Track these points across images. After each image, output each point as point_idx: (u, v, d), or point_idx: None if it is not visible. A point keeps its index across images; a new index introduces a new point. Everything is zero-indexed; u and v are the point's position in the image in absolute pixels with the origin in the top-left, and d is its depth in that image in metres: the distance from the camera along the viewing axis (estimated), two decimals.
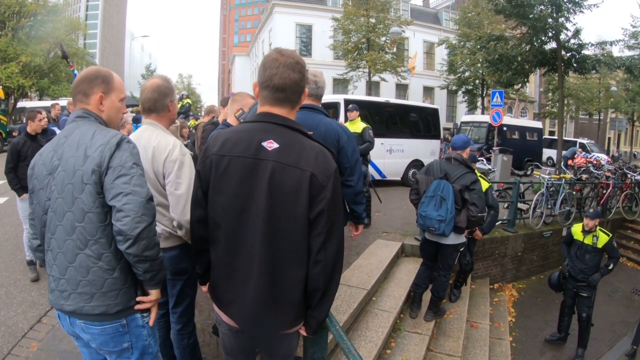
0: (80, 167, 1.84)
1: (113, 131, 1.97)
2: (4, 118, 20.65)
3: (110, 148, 1.85)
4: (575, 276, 6.71)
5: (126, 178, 1.82)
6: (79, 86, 2.06)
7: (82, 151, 1.87)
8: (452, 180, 4.75)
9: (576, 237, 6.84)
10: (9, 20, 28.00)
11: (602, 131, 41.20)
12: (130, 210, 1.77)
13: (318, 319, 1.94)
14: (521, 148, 19.09)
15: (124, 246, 1.80)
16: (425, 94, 35.45)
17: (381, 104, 13.42)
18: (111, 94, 2.10)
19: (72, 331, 2.04)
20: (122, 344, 2.00)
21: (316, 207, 1.76)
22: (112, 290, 1.90)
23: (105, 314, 1.90)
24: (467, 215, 4.68)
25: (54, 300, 1.97)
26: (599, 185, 11.85)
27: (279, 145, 1.79)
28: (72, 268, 1.88)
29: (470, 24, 29.70)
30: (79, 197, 1.84)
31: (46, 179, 1.92)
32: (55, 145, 1.97)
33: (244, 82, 50.17)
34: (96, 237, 1.86)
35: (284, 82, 1.82)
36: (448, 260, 5.14)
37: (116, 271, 1.90)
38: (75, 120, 2.02)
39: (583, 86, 33.64)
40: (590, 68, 14.94)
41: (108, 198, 1.82)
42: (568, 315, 7.05)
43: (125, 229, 1.77)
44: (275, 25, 35.27)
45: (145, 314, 2.06)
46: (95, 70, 2.11)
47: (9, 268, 5.43)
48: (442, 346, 5.30)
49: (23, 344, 3.90)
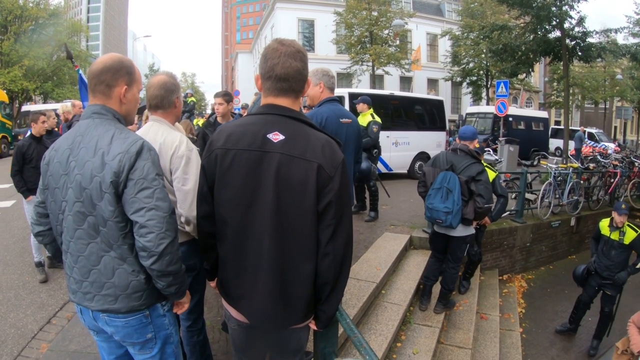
0: (97, 173, 1.78)
1: (132, 136, 1.87)
2: (9, 122, 20.76)
3: (129, 157, 1.78)
4: (600, 273, 6.47)
5: (149, 192, 1.78)
6: (100, 76, 1.93)
7: (99, 157, 1.79)
8: (458, 172, 4.71)
9: (603, 232, 6.60)
10: (11, 24, 28.10)
11: (608, 120, 40.94)
12: (154, 226, 1.75)
13: (328, 312, 1.92)
14: (527, 138, 19.01)
15: (147, 262, 1.78)
16: (429, 86, 35.35)
17: (386, 96, 13.37)
18: (133, 86, 2.03)
19: (93, 325, 2.02)
20: (145, 335, 1.99)
21: (324, 199, 1.74)
22: (137, 292, 1.89)
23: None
24: (474, 207, 4.65)
25: (78, 300, 1.95)
26: (606, 174, 11.78)
27: (284, 137, 1.77)
28: (96, 271, 1.86)
29: (473, 15, 29.59)
30: (98, 204, 1.79)
31: (62, 178, 1.87)
32: (72, 143, 1.89)
33: (248, 79, 50.13)
34: (119, 244, 1.83)
35: (286, 71, 1.80)
36: (457, 252, 5.11)
37: (141, 273, 1.88)
38: (92, 117, 1.92)
39: (588, 75, 33.45)
40: (595, 56, 14.83)
41: (129, 211, 1.78)
42: (582, 311, 6.90)
43: (150, 245, 1.75)
44: (278, 21, 35.21)
45: (165, 302, 2.05)
46: (119, 60, 1.99)
47: (18, 270, 5.45)
48: (453, 338, 5.28)
49: (33, 345, 3.91)
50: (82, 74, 7.00)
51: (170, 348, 2.11)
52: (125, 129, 1.92)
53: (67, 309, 4.55)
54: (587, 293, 6.75)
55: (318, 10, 33.61)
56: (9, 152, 18.59)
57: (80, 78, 6.94)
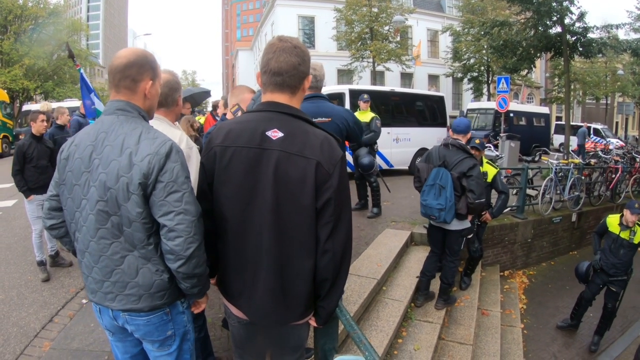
0: (124, 173, 1.74)
1: (160, 136, 1.83)
2: (9, 121, 20.79)
3: (159, 159, 1.75)
4: (607, 271, 6.39)
5: (178, 195, 1.76)
6: (126, 71, 1.88)
7: (126, 156, 1.75)
8: (451, 167, 4.73)
9: (611, 229, 6.44)
10: (11, 24, 28.11)
11: (609, 116, 40.83)
12: (183, 230, 1.74)
13: (328, 309, 1.93)
14: (529, 134, 18.98)
15: (174, 265, 1.78)
16: (430, 82, 35.27)
17: (386, 93, 13.38)
18: (156, 81, 2.01)
19: (111, 326, 2.00)
20: (166, 332, 1.98)
21: (323, 196, 1.75)
22: (160, 291, 1.88)
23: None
24: (466, 202, 4.67)
25: (98, 300, 1.93)
26: (607, 170, 11.76)
27: (283, 134, 1.78)
28: (119, 270, 1.84)
29: (474, 10, 29.52)
30: (124, 205, 1.76)
31: (84, 175, 1.82)
32: (94, 139, 1.83)
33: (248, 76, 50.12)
34: (143, 244, 1.81)
35: (279, 65, 1.81)
36: (454, 245, 5.13)
37: (165, 273, 1.87)
38: (116, 114, 1.87)
39: (589, 70, 33.25)
40: (596, 52, 14.78)
41: (157, 214, 1.76)
42: (584, 307, 6.85)
43: (178, 249, 1.74)
44: (278, 18, 35.19)
45: (184, 299, 2.04)
46: (143, 54, 1.96)
47: (20, 269, 5.47)
48: (454, 334, 5.30)
49: (35, 343, 3.92)
50: (83, 72, 6.95)
51: (187, 345, 2.11)
52: (151, 127, 1.89)
53: (69, 308, 4.56)
54: (591, 290, 6.68)
55: (318, 7, 33.50)
56: (9, 151, 18.62)
57: (81, 77, 6.86)
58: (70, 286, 5.06)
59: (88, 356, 3.64)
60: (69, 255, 5.49)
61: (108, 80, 1.94)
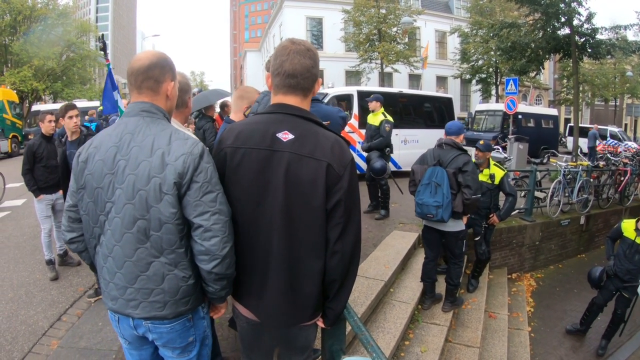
0: (157, 174, 1.72)
1: (191, 138, 1.83)
2: (19, 121, 20.98)
3: (193, 159, 1.74)
4: (621, 277, 6.23)
5: (213, 195, 1.76)
6: (148, 72, 1.86)
7: (158, 156, 1.73)
8: (446, 165, 4.74)
9: (626, 234, 6.27)
10: (20, 25, 28.34)
11: (618, 117, 40.55)
12: (219, 230, 1.75)
13: (336, 310, 1.93)
14: (537, 136, 18.84)
15: (209, 265, 1.77)
16: (438, 84, 35.12)
17: (394, 94, 13.35)
18: (176, 81, 2.00)
19: (130, 335, 1.97)
20: (188, 339, 1.97)
21: (333, 198, 1.75)
22: (185, 297, 1.86)
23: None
24: (462, 199, 4.67)
25: (118, 307, 1.87)
26: (616, 172, 11.68)
27: (294, 136, 1.78)
28: (144, 277, 1.80)
29: (482, 12, 29.43)
30: (155, 207, 1.73)
31: (107, 177, 1.78)
32: (118, 140, 1.79)
33: (256, 78, 50.21)
34: (174, 248, 1.79)
35: (294, 68, 1.81)
36: (454, 249, 5.14)
37: (191, 278, 1.85)
38: (141, 115, 1.84)
39: (598, 72, 33.08)
40: (604, 53, 14.65)
41: (191, 214, 1.75)
42: (595, 314, 6.73)
43: (214, 249, 1.75)
44: (286, 19, 35.21)
45: (204, 304, 2.03)
46: (162, 55, 1.95)
47: (29, 268, 5.51)
48: (461, 337, 5.28)
49: (43, 342, 3.95)
50: (112, 68, 6.85)
51: (206, 350, 2.10)
52: (178, 129, 1.87)
53: (77, 307, 4.59)
54: (603, 296, 6.55)
55: (326, 8, 33.51)
56: (19, 151, 18.79)
57: (109, 72, 6.79)
58: (78, 285, 5.09)
59: (96, 355, 3.65)
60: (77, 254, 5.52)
61: (128, 83, 1.91)
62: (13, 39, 28.40)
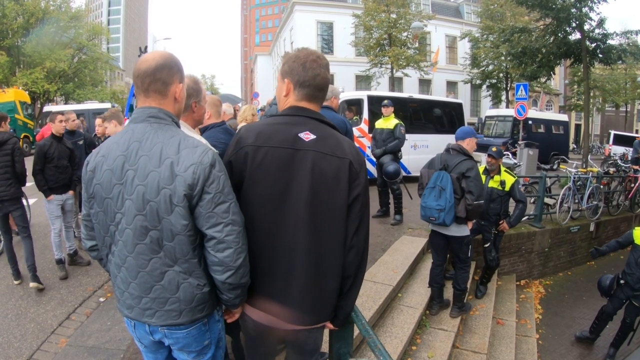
0: (166, 185, 1.67)
1: (201, 145, 1.75)
2: (30, 122, 21.21)
3: (204, 169, 1.68)
4: (632, 285, 6.15)
5: (225, 206, 1.71)
6: (156, 74, 1.79)
7: (167, 167, 1.67)
8: (451, 170, 4.78)
9: (637, 241, 6.18)
10: (32, 27, 28.66)
11: (629, 123, 40.22)
12: (232, 241, 1.72)
13: (346, 309, 1.97)
14: (547, 142, 18.73)
15: (223, 276, 1.75)
16: (448, 89, 35.15)
17: (405, 99, 13.33)
18: (184, 83, 1.93)
19: (146, 340, 1.95)
20: (203, 342, 1.95)
21: (353, 192, 1.86)
22: (201, 304, 1.84)
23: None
24: (465, 204, 4.68)
25: (134, 316, 1.85)
26: (626, 179, 11.58)
27: (315, 136, 1.86)
28: (159, 287, 1.77)
29: (492, 17, 29.31)
30: (166, 218, 1.69)
31: (116, 188, 1.73)
32: (126, 149, 1.73)
33: (267, 81, 50.51)
34: (187, 257, 1.75)
35: (324, 82, 1.96)
36: (460, 254, 5.15)
37: (206, 286, 1.82)
38: (148, 121, 1.78)
39: (609, 77, 32.80)
40: (615, 58, 14.59)
41: (204, 226, 1.71)
42: (605, 322, 6.65)
43: (228, 260, 1.72)
44: (296, 23, 35.39)
45: (219, 307, 2.00)
46: (170, 56, 1.88)
47: (39, 267, 5.51)
48: (468, 343, 5.26)
49: (52, 340, 4.00)
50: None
51: (220, 352, 2.08)
52: (187, 135, 1.81)
53: (86, 306, 4.63)
54: (613, 305, 6.46)
55: (337, 13, 33.69)
56: (30, 151, 18.97)
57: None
58: (88, 285, 5.14)
59: (104, 354, 3.69)
60: (87, 254, 5.56)
61: (135, 86, 1.85)
62: (25, 41, 28.70)
